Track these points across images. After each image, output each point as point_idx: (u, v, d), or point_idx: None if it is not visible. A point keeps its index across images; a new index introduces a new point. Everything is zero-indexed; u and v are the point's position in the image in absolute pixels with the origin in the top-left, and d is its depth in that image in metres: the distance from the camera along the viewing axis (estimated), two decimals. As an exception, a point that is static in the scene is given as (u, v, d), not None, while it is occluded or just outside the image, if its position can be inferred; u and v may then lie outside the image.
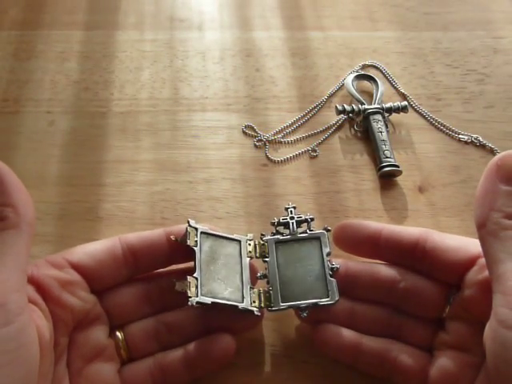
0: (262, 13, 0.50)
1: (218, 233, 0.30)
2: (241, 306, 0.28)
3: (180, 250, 0.29)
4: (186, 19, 0.49)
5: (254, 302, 0.28)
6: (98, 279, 0.27)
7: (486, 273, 0.24)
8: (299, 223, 0.31)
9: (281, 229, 0.31)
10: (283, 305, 0.28)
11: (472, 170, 0.39)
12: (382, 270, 0.29)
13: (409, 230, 0.29)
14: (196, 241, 0.28)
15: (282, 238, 0.31)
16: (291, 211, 0.31)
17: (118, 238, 0.28)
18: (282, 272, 0.29)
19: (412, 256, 0.29)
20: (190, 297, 0.26)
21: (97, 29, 0.48)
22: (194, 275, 0.27)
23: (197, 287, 0.27)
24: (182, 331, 0.28)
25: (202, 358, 0.27)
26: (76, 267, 0.27)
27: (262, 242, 0.31)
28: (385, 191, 0.38)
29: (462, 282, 0.27)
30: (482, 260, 0.26)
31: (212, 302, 0.27)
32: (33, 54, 0.45)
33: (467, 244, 0.27)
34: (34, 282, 0.25)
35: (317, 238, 0.30)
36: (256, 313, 0.28)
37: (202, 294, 0.27)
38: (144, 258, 0.28)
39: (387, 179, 0.39)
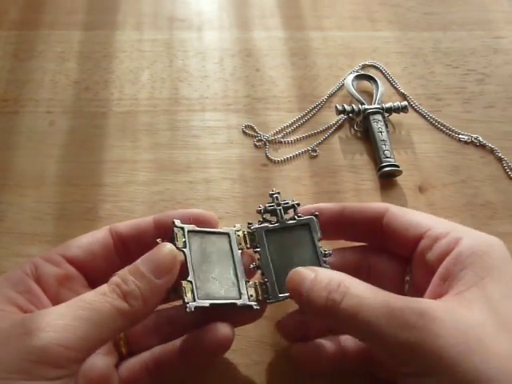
0: (261, 13, 0.50)
1: (205, 229, 0.29)
2: (239, 302, 0.27)
3: (169, 237, 0.28)
4: (185, 19, 0.49)
5: (252, 295, 0.28)
6: (93, 271, 0.27)
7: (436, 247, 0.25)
8: (286, 210, 0.31)
9: (267, 216, 0.31)
10: (281, 296, 0.28)
11: (472, 170, 0.39)
12: (347, 254, 0.30)
13: (369, 206, 0.30)
14: (184, 241, 0.28)
15: (271, 226, 0.30)
16: (277, 197, 0.31)
17: (109, 228, 0.29)
18: (276, 262, 0.29)
19: (372, 233, 0.29)
20: (187, 303, 0.26)
21: (97, 29, 0.48)
22: (188, 279, 0.27)
23: (192, 291, 0.26)
24: (183, 324, 0.28)
25: (197, 348, 0.27)
26: (72, 262, 0.27)
27: (250, 232, 0.30)
28: (385, 191, 0.38)
29: (412, 258, 0.27)
30: (431, 232, 0.26)
31: (210, 304, 0.26)
32: (33, 54, 0.45)
33: (419, 219, 0.28)
34: (34, 280, 0.25)
35: (306, 225, 0.30)
36: (255, 307, 0.28)
37: (198, 298, 0.26)
38: (134, 246, 0.28)
39: (387, 179, 0.39)
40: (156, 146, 0.40)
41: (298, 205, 0.31)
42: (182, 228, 0.28)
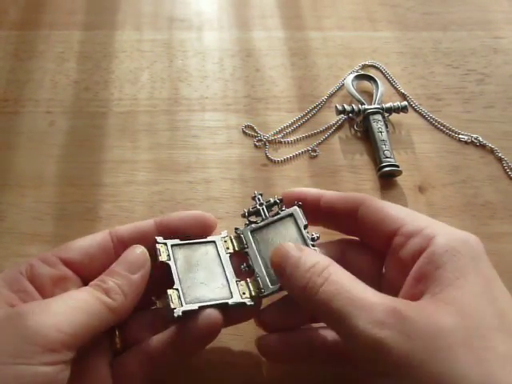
0: (261, 13, 0.50)
1: (190, 240, 0.29)
2: (230, 301, 0.27)
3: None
4: (185, 19, 0.49)
5: (244, 293, 0.28)
6: (90, 274, 0.27)
7: (410, 243, 0.25)
8: (269, 207, 0.30)
9: (253, 218, 0.30)
10: (273, 287, 0.28)
11: (472, 170, 0.39)
12: (323, 250, 0.29)
13: (346, 197, 0.29)
14: (168, 255, 0.28)
15: (256, 225, 0.30)
16: (259, 198, 0.31)
17: (109, 231, 0.29)
18: (264, 256, 0.29)
19: (348, 224, 0.29)
20: (174, 308, 0.25)
21: (97, 29, 0.48)
22: (174, 287, 0.26)
23: (179, 297, 0.26)
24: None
25: (187, 335, 0.26)
26: (68, 264, 0.27)
27: (237, 235, 0.30)
28: (385, 191, 0.38)
29: (387, 254, 0.27)
30: (404, 229, 0.26)
31: (199, 307, 0.26)
32: (33, 54, 0.45)
33: (393, 214, 0.27)
34: (28, 280, 0.25)
35: (290, 215, 0.29)
36: (248, 303, 0.27)
37: (186, 303, 0.26)
38: None
39: (387, 179, 0.39)
40: (156, 146, 0.40)
41: (281, 200, 0.30)
42: (165, 243, 0.28)
